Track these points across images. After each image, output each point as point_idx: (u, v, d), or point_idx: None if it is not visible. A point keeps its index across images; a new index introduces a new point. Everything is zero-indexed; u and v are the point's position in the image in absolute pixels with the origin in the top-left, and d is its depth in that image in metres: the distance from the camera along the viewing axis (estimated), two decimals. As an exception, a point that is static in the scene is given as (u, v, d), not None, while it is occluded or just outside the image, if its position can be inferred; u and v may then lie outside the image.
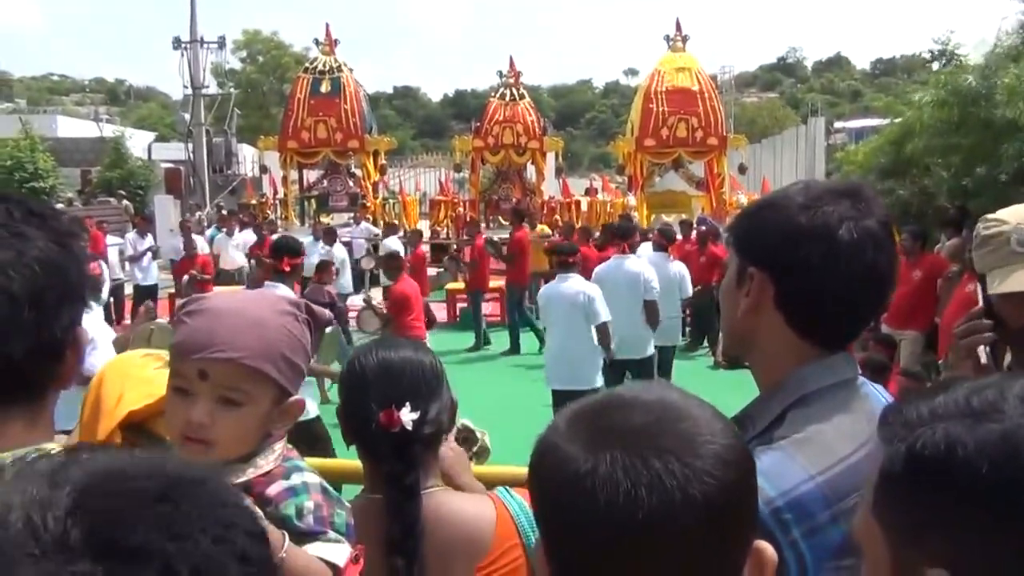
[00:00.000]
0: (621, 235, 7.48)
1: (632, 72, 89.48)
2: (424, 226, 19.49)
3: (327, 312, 1.44)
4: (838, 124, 34.63)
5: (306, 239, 13.60)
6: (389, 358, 1.58)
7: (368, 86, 27.23)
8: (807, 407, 1.16)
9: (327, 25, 21.16)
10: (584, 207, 20.42)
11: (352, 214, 18.58)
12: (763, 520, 1.03)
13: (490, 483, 1.76)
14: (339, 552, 1.28)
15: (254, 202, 21.44)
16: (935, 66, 11.74)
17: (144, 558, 0.51)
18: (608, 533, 0.70)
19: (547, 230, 15.28)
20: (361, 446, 1.57)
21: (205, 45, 26.79)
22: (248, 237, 14.65)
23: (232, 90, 35.32)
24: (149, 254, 13.29)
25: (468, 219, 17.40)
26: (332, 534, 1.29)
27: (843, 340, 1.24)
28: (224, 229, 15.09)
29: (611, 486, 0.69)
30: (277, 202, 21.10)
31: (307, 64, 21.82)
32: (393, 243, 13.16)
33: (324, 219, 18.57)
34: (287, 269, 5.30)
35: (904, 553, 0.64)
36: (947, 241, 8.95)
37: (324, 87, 20.28)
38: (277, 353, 1.30)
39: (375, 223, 18.06)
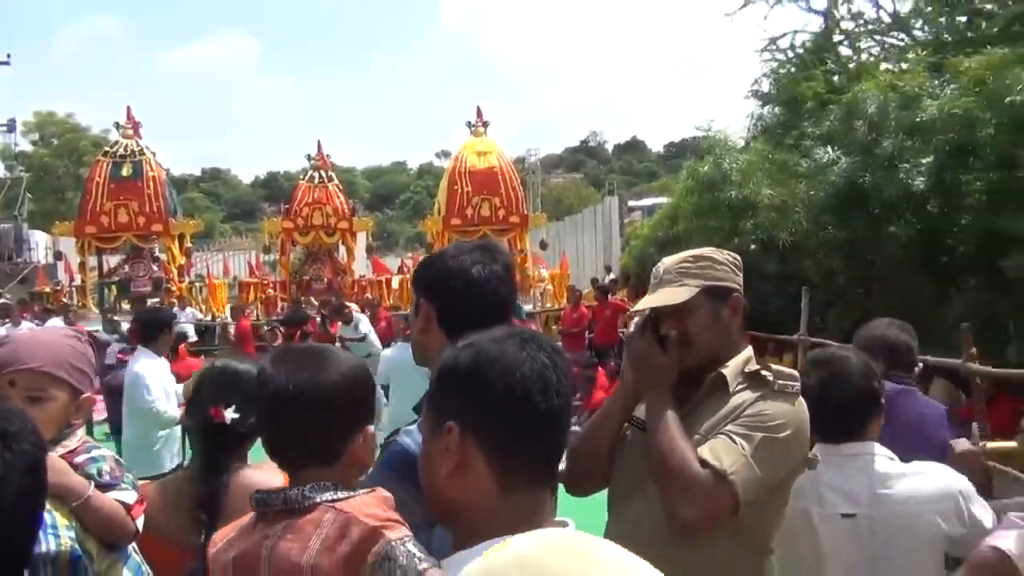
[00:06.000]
0: None
1: (445, 154, 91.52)
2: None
3: (108, 339, 2.14)
4: (632, 203, 37.27)
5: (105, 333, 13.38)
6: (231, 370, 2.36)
7: (175, 168, 26.77)
8: None
9: (128, 108, 20.85)
10: (396, 285, 20.96)
11: (157, 299, 18.16)
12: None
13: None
14: (129, 496, 1.93)
15: (48, 290, 20.46)
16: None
17: None
18: None
19: None
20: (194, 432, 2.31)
21: (-8, 127, 25.51)
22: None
23: (23, 173, 33.55)
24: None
25: (280, 300, 17.55)
26: (124, 484, 1.94)
27: None
28: (8, 321, 14.45)
29: None
30: (73, 289, 20.25)
31: (107, 148, 21.31)
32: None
33: (125, 305, 18.07)
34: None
35: (437, 431, 1.22)
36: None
37: (125, 171, 19.86)
38: (65, 361, 1.92)
39: (181, 308, 17.75)
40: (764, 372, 1.94)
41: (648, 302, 2.06)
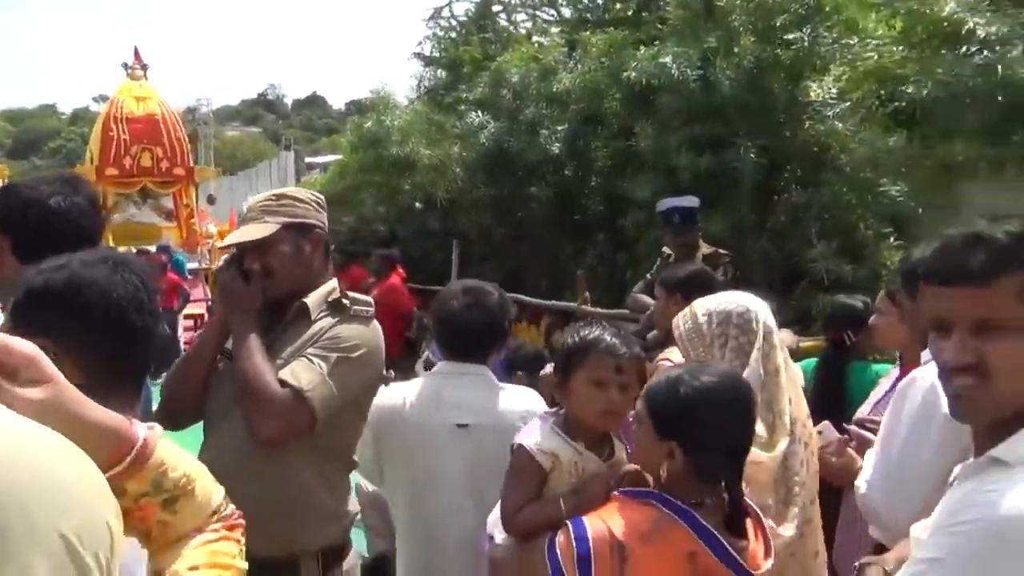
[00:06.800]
0: None
1: (103, 99, 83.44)
2: None
3: None
4: (310, 159, 36.65)
5: None
6: None
7: None
8: None
9: None
10: (40, 241, 18.90)
11: None
12: None
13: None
14: None
15: None
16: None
17: None
18: None
19: None
20: None
21: None
22: None
23: None
24: None
25: None
26: None
27: None
28: None
29: None
30: None
31: None
32: None
33: None
34: None
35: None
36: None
37: None
38: None
39: None
40: (344, 300, 2.14)
41: (231, 238, 2.19)
